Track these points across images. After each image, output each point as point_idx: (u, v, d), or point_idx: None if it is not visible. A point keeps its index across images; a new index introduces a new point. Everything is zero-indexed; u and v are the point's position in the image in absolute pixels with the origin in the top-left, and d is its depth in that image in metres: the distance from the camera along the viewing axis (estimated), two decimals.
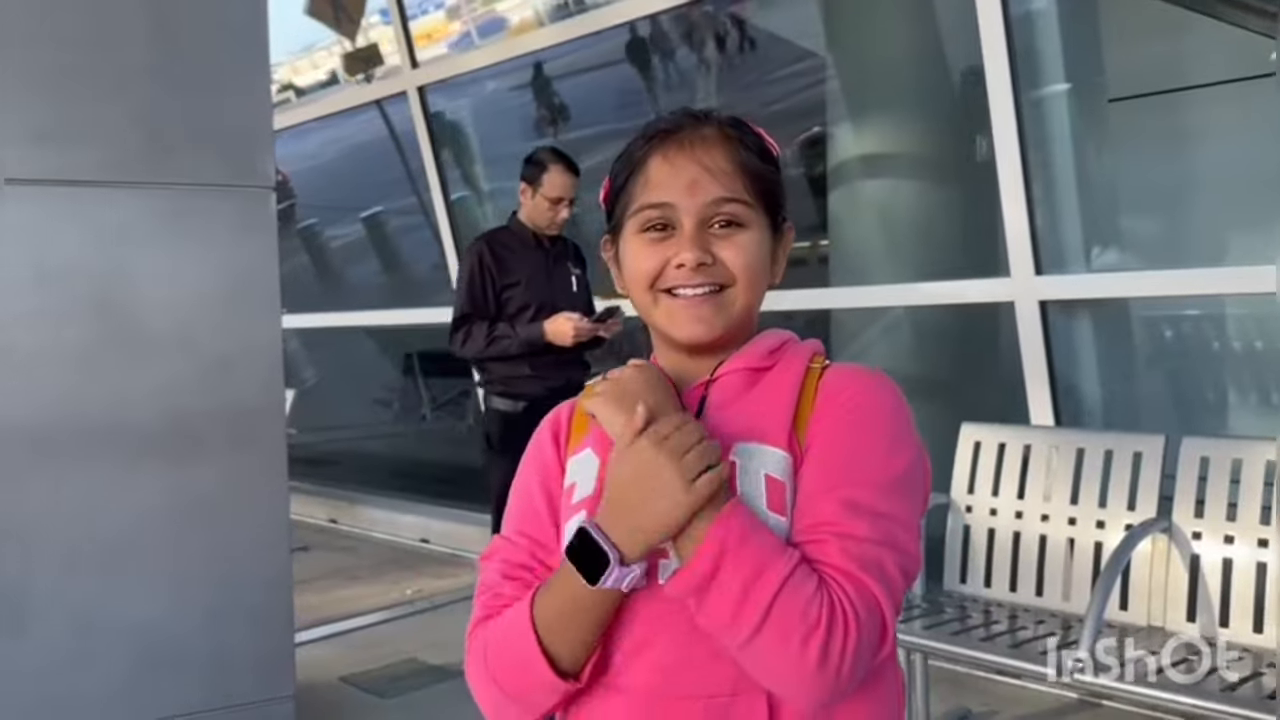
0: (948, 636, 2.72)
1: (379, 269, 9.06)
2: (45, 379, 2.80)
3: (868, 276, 4.97)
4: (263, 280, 3.07)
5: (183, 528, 2.96)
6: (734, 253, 1.00)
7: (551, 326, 3.28)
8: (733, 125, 1.04)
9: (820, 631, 0.87)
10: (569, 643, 0.95)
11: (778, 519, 0.94)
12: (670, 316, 1.02)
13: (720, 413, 1.01)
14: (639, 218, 1.02)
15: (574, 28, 5.18)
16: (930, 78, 5.05)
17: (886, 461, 0.96)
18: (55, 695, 2.79)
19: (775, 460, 0.96)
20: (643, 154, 1.03)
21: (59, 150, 2.83)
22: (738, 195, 1.01)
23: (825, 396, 0.99)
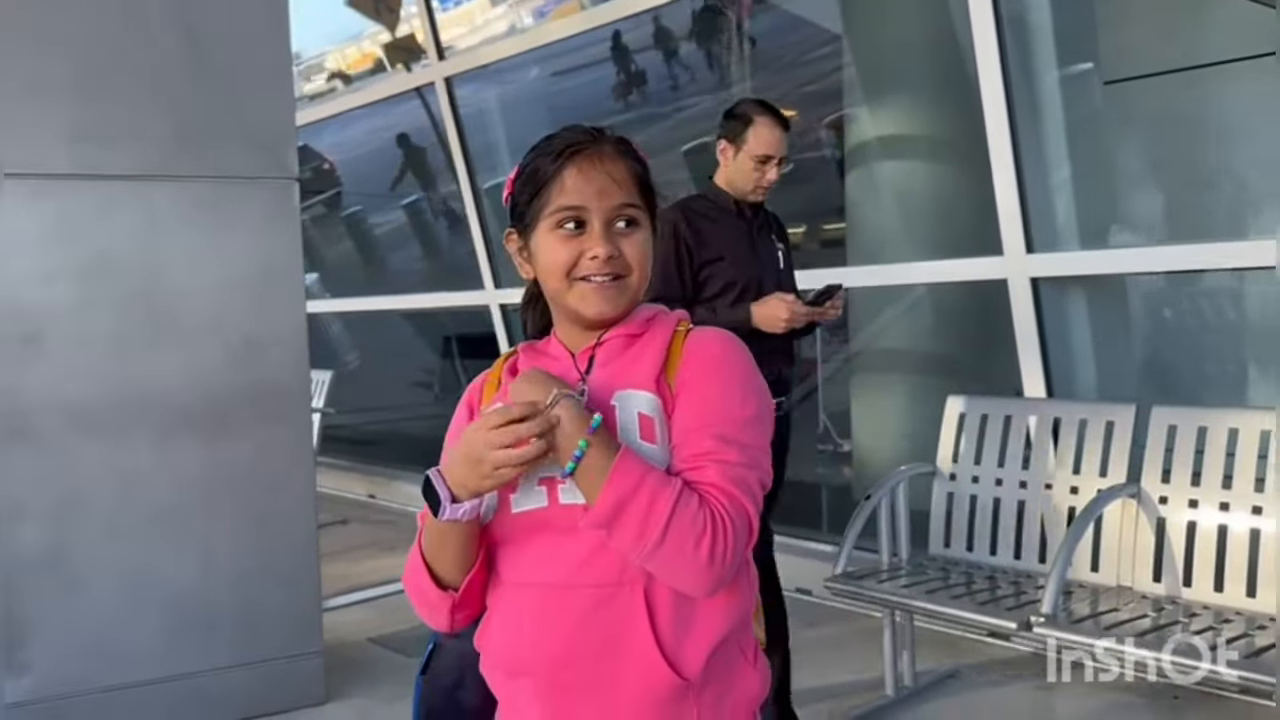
0: (926, 594, 2.88)
1: (420, 254, 9.30)
2: (89, 362, 3.06)
3: (884, 256, 5.09)
4: (288, 266, 3.30)
5: (217, 498, 3.20)
6: (632, 248, 1.24)
7: (762, 310, 2.74)
8: (622, 143, 1.27)
9: (707, 536, 1.10)
10: (441, 561, 1.21)
11: (649, 446, 1.17)
12: (583, 299, 1.23)
13: (604, 369, 1.25)
14: (555, 217, 1.23)
15: (605, 14, 5.33)
16: (944, 60, 5.13)
17: (743, 403, 1.21)
18: (105, 650, 3.06)
19: (645, 401, 1.20)
20: (556, 166, 1.24)
21: (97, 147, 3.07)
22: (634, 201, 1.24)
23: (689, 351, 1.24)
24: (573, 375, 1.26)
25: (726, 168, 2.89)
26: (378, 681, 3.56)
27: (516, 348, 1.34)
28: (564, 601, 1.16)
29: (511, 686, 1.21)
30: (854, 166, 5.59)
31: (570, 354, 1.28)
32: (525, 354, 1.32)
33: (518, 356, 1.33)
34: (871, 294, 5.23)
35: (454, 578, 1.22)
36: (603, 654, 1.15)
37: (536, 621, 1.17)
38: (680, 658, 1.14)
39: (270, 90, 3.30)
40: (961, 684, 3.30)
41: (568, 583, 1.16)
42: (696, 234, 2.79)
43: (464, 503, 1.15)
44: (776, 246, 2.98)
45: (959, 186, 5.05)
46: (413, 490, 5.58)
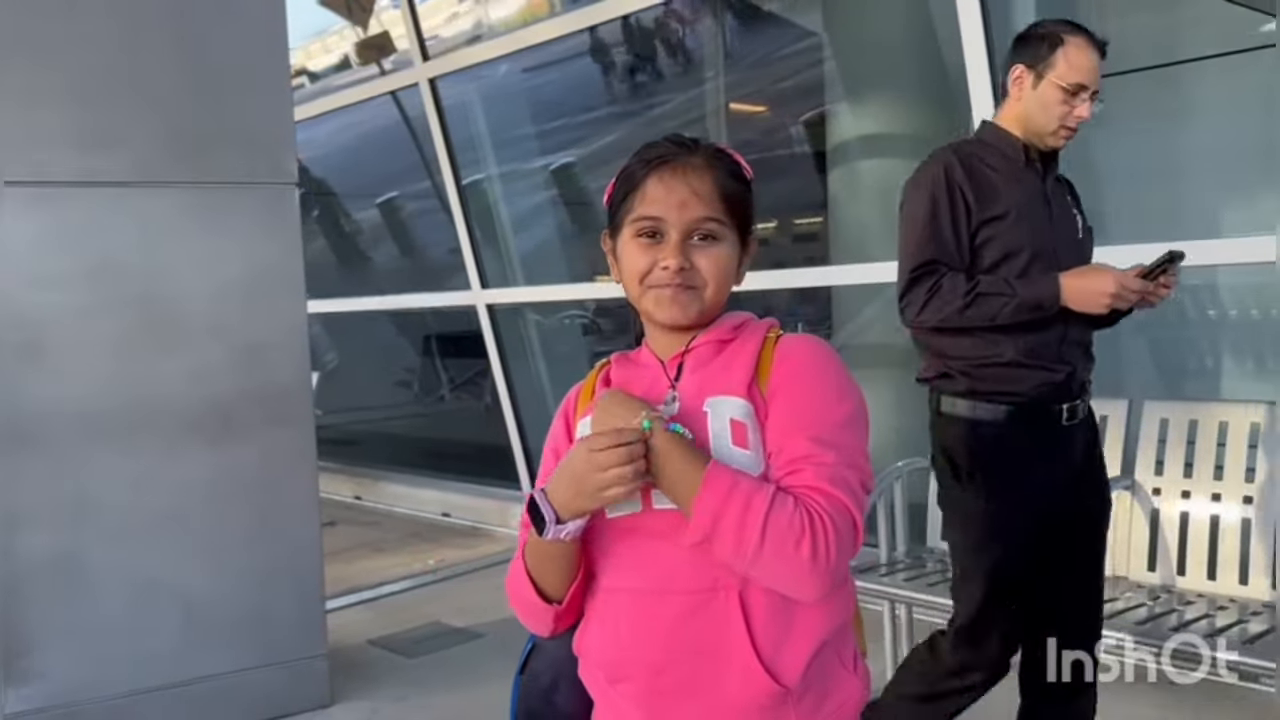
0: (925, 587, 2.94)
1: (396, 254, 9.27)
2: (94, 367, 3.06)
3: (866, 253, 5.16)
4: (288, 269, 3.31)
5: (222, 501, 3.21)
6: (708, 262, 1.26)
7: (1079, 282, 2.14)
8: (716, 154, 1.29)
9: (807, 537, 1.11)
10: (545, 576, 1.25)
11: (742, 452, 1.19)
12: (656, 304, 1.26)
13: (694, 375, 1.28)
14: (636, 225, 1.27)
15: (585, 18, 5.36)
16: (925, 57, 5.20)
17: (838, 405, 1.22)
18: (114, 656, 3.06)
19: (737, 406, 1.21)
20: (643, 174, 1.27)
21: (96, 154, 3.07)
22: (716, 215, 1.26)
23: (781, 356, 1.25)
24: (663, 383, 1.28)
25: (1020, 101, 2.24)
26: (380, 683, 3.59)
27: (610, 358, 1.37)
28: (660, 607, 1.18)
29: (612, 692, 1.24)
30: (836, 164, 5.66)
31: (660, 362, 1.30)
32: (618, 364, 1.35)
33: (610, 367, 1.36)
34: (853, 290, 5.31)
35: (558, 590, 1.25)
36: (700, 660, 1.17)
37: (634, 627, 1.20)
38: (778, 664, 1.16)
39: (268, 95, 3.31)
40: None
41: (663, 588, 1.18)
42: (975, 183, 2.18)
43: (568, 523, 1.18)
44: (1072, 209, 2.35)
45: None
46: (399, 490, 5.64)
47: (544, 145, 7.00)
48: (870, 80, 5.43)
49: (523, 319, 6.47)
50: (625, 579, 1.22)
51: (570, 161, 6.96)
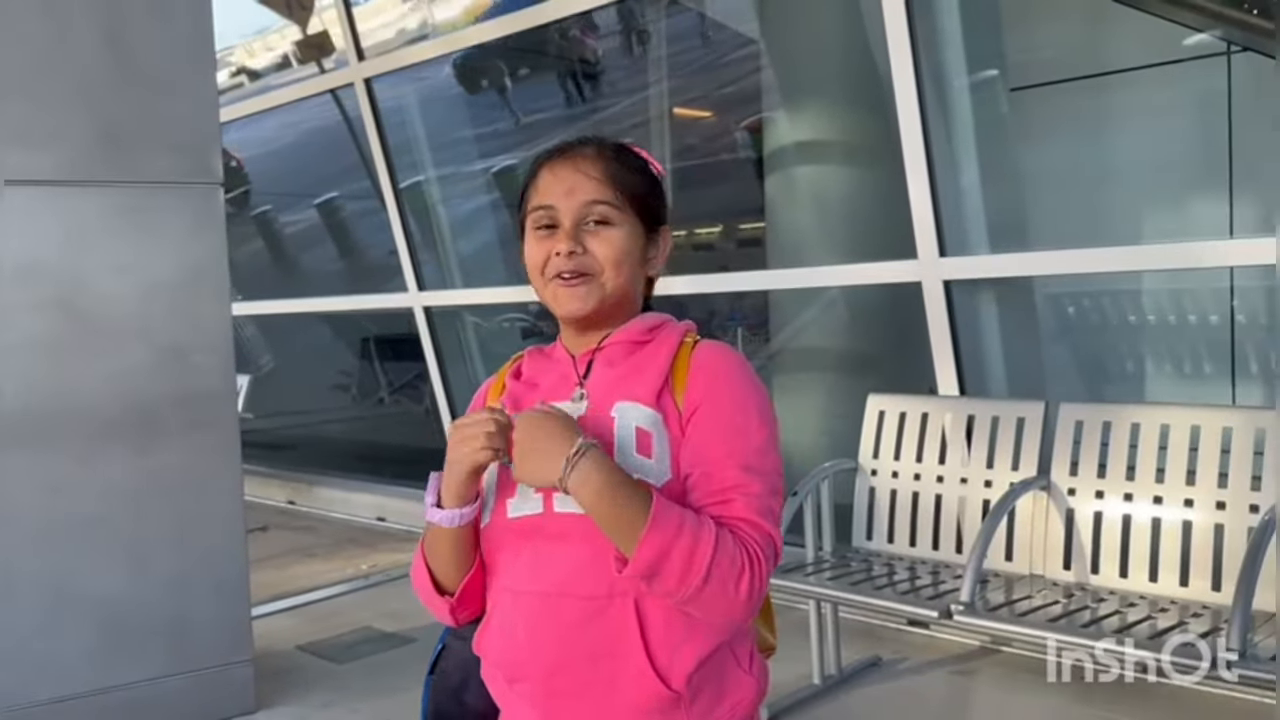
0: (849, 586, 3.00)
1: (334, 255, 9.17)
2: (11, 370, 2.98)
3: (802, 259, 5.23)
4: (214, 271, 3.26)
5: (144, 505, 3.15)
6: (601, 245, 1.23)
7: None
8: (613, 147, 1.28)
9: (745, 575, 1.12)
10: (438, 564, 1.26)
11: (644, 460, 1.18)
12: (555, 296, 1.25)
13: (604, 374, 1.27)
14: (531, 218, 1.26)
15: (523, 20, 5.36)
16: (857, 66, 5.28)
17: (761, 428, 1.21)
18: (34, 659, 2.99)
19: (644, 415, 1.20)
20: (535, 169, 1.28)
21: (19, 152, 2.99)
22: (606, 199, 1.24)
23: (697, 367, 1.23)
24: (571, 379, 1.27)
25: None
26: (308, 689, 3.55)
27: (524, 351, 1.36)
28: (557, 610, 1.18)
29: (510, 692, 1.24)
30: (773, 170, 5.73)
31: (571, 357, 1.29)
32: (531, 357, 1.35)
33: (523, 360, 1.35)
34: (789, 295, 5.37)
35: (451, 581, 1.26)
36: (595, 663, 1.17)
37: (531, 629, 1.19)
38: (671, 670, 1.16)
39: (194, 95, 3.26)
40: (883, 672, 3.43)
41: (561, 592, 1.18)
42: None
43: (446, 509, 1.20)
44: None
45: (874, 190, 5.22)
46: (333, 495, 5.55)
47: (484, 148, 6.98)
48: (806, 87, 5.50)
49: (461, 321, 6.44)
50: (524, 581, 1.21)
51: (512, 164, 6.95)
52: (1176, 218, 4.61)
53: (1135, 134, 4.69)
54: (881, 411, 3.39)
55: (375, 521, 6.10)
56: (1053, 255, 3.76)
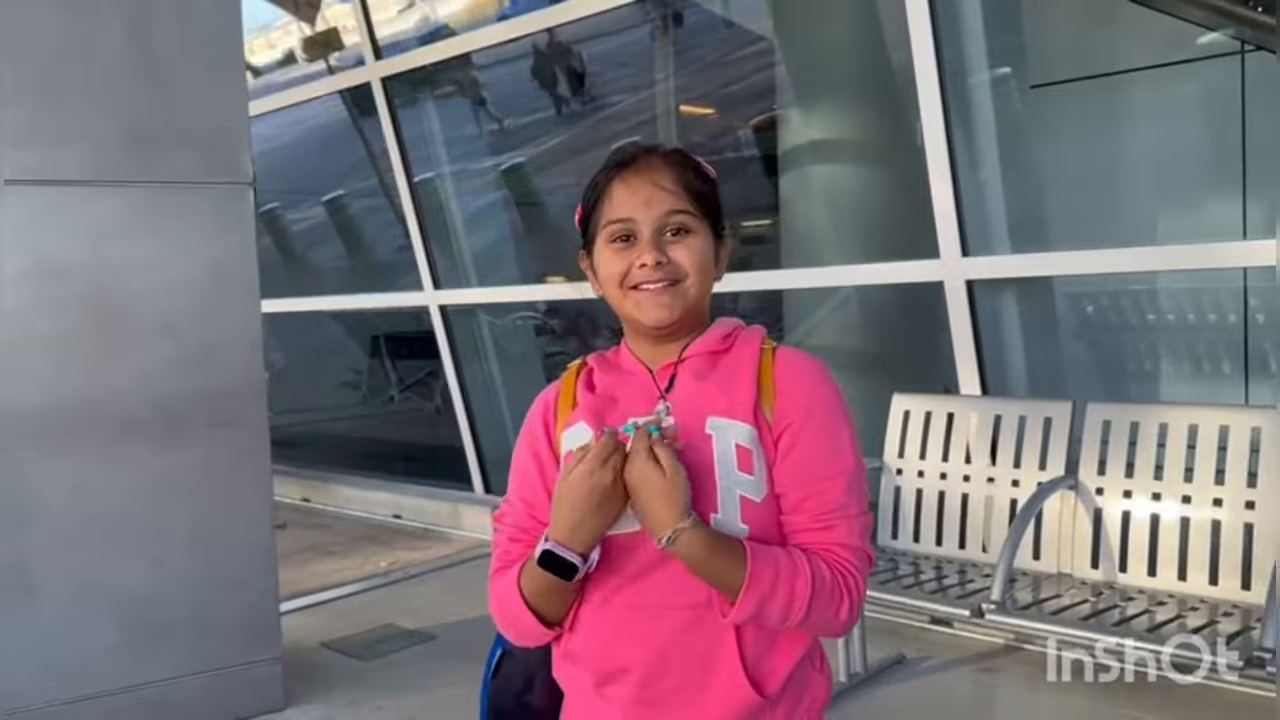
0: (877, 585, 3.00)
1: (342, 252, 9.18)
2: (39, 369, 2.99)
3: (817, 258, 5.23)
4: (242, 270, 3.27)
5: (171, 504, 3.16)
6: (684, 253, 1.25)
7: None
8: (676, 154, 1.29)
9: (845, 600, 1.19)
10: (552, 607, 1.25)
11: (747, 477, 1.20)
12: (638, 306, 1.25)
13: (688, 388, 1.27)
14: (607, 231, 1.26)
15: (536, 21, 5.37)
16: (873, 63, 5.29)
17: (853, 443, 1.25)
18: (58, 658, 3.00)
19: (742, 432, 1.21)
20: (605, 181, 1.28)
21: (46, 152, 3.00)
22: (684, 208, 1.26)
23: (787, 379, 1.25)
24: (651, 393, 1.27)
25: None
26: (333, 686, 3.56)
27: (586, 359, 1.35)
28: (656, 620, 1.21)
29: (596, 696, 1.26)
30: (787, 168, 5.73)
31: (648, 370, 1.30)
32: (599, 367, 1.33)
33: (590, 369, 1.34)
34: (803, 293, 5.38)
35: (562, 615, 1.26)
36: (690, 672, 1.20)
37: (630, 638, 1.22)
38: (762, 676, 1.21)
39: (222, 93, 3.27)
40: (908, 670, 3.44)
41: (660, 604, 1.21)
42: None
43: (592, 555, 1.20)
44: None
45: (889, 188, 5.22)
46: (348, 492, 5.54)
47: (494, 145, 6.98)
48: (821, 84, 5.50)
49: (476, 320, 6.45)
50: (623, 593, 1.23)
51: (521, 162, 6.95)
52: (1191, 217, 4.61)
53: (1150, 133, 4.70)
54: (907, 411, 3.39)
55: (391, 519, 6.11)
56: (1075, 255, 3.76)
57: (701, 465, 1.19)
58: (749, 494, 1.19)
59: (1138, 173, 4.75)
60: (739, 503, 1.20)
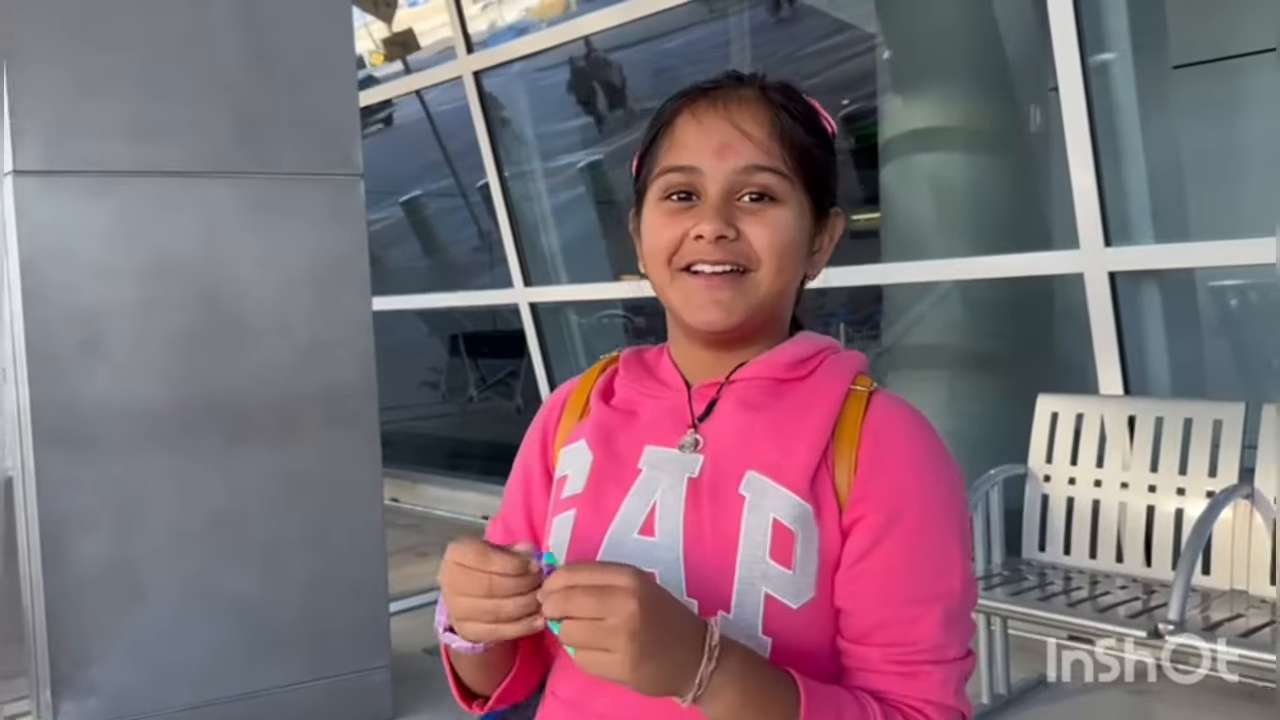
0: (1035, 602, 2.79)
1: (419, 252, 9.18)
2: (151, 365, 2.91)
3: (922, 251, 5.00)
4: (354, 264, 3.16)
5: (283, 505, 3.06)
6: (762, 230, 0.88)
7: None
8: (780, 90, 0.92)
9: None
10: (468, 674, 0.99)
11: (781, 571, 0.84)
12: (686, 297, 0.89)
13: (734, 421, 0.91)
14: (661, 182, 0.90)
15: (629, 10, 5.22)
16: (982, 48, 5.07)
17: (962, 555, 0.88)
18: (167, 663, 2.91)
19: (790, 506, 0.85)
20: (672, 112, 0.91)
21: (158, 143, 2.91)
22: (773, 165, 0.88)
23: (877, 443, 0.87)
24: (682, 416, 0.93)
25: None
26: (441, 694, 3.40)
27: (617, 353, 1.01)
28: None
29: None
30: (889, 159, 5.51)
31: (686, 384, 0.94)
32: (628, 367, 0.99)
33: (617, 368, 1.00)
34: (905, 289, 5.16)
35: (482, 688, 0.99)
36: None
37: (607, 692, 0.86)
38: None
39: (333, 83, 3.16)
40: (1052, 692, 3.21)
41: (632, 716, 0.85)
42: None
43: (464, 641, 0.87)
44: None
45: (1001, 178, 4.99)
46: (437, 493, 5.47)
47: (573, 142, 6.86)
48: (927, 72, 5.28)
49: (564, 318, 6.33)
50: (588, 699, 0.90)
51: (599, 159, 6.83)
52: None
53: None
54: (1054, 413, 3.16)
55: (481, 520, 6.01)
56: (1231, 246, 3.49)
57: (722, 539, 0.86)
58: (781, 595, 0.84)
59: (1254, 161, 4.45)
60: (763, 603, 0.84)
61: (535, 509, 1.00)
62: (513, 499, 1.02)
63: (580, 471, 0.94)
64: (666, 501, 0.89)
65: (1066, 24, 3.48)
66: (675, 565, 0.86)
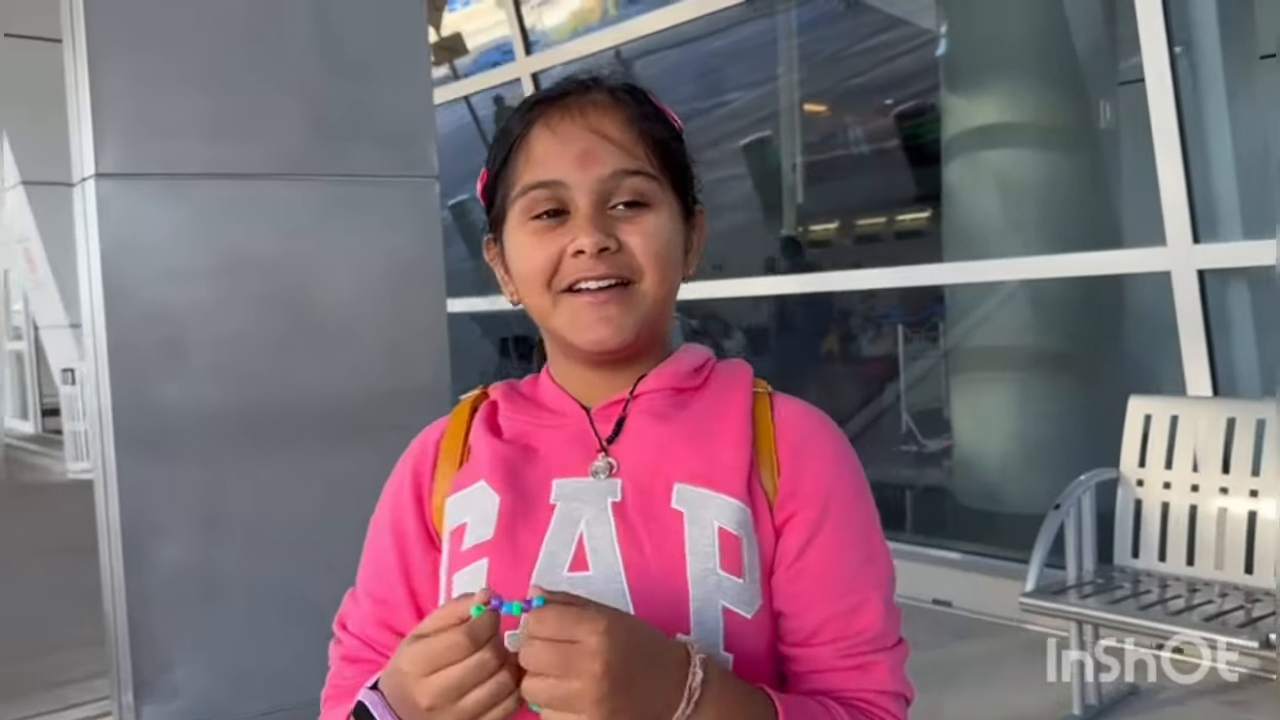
0: (1135, 610, 2.70)
1: (464, 254, 9.22)
2: (228, 367, 2.91)
3: (986, 249, 4.91)
4: (429, 266, 3.15)
5: (356, 508, 3.01)
6: (641, 238, 0.83)
7: None
8: (628, 91, 0.88)
9: None
10: None
11: (734, 581, 0.80)
12: (572, 318, 0.84)
13: (643, 440, 0.86)
14: (523, 202, 0.84)
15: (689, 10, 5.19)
16: (1050, 43, 4.97)
17: (883, 541, 0.87)
18: (247, 667, 2.91)
19: (730, 511, 0.82)
20: (522, 127, 0.86)
21: (233, 145, 2.92)
22: (640, 167, 0.84)
23: (793, 443, 0.86)
24: (588, 442, 0.87)
25: None
26: None
27: (480, 390, 0.94)
28: None
29: None
30: (953, 156, 5.42)
31: (582, 409, 0.88)
32: (509, 399, 0.91)
33: (491, 403, 0.92)
34: (964, 289, 5.07)
35: None
36: None
37: None
38: None
39: (408, 84, 3.15)
40: (1145, 701, 3.11)
41: None
42: None
43: None
44: None
45: (1069, 175, 4.89)
46: None
47: None
48: (992, 68, 5.18)
49: None
50: None
51: None
52: None
53: None
54: (1148, 415, 3.06)
55: None
56: None
57: (667, 558, 0.81)
58: (736, 606, 0.80)
59: None
60: (722, 620, 0.80)
61: (416, 573, 0.91)
62: (381, 573, 0.92)
63: (484, 516, 0.85)
64: (594, 532, 0.83)
65: (1154, 14, 3.38)
66: (619, 596, 0.80)
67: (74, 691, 3.51)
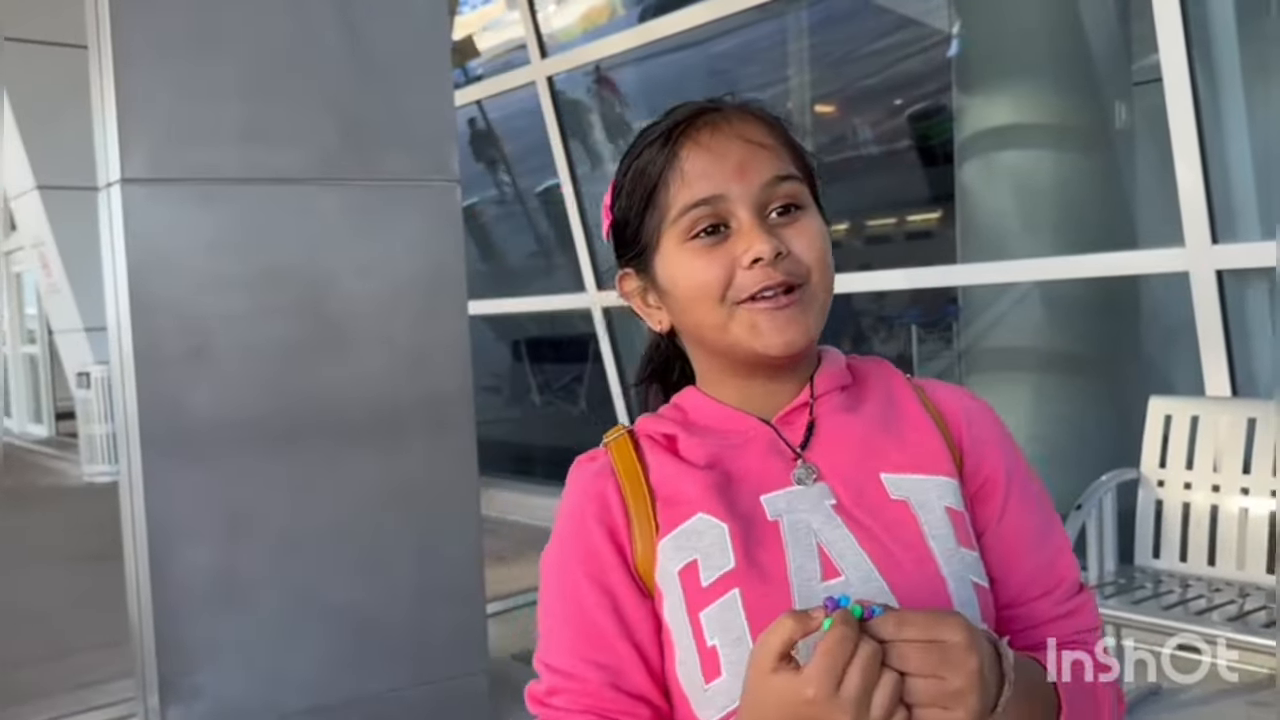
0: (1159, 611, 2.71)
1: (476, 257, 9.23)
2: (258, 373, 2.93)
3: (1001, 250, 4.91)
4: (452, 271, 3.17)
5: (386, 512, 3.07)
6: (804, 240, 0.85)
7: None
8: (753, 105, 0.90)
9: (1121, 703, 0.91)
10: None
11: (971, 554, 0.85)
12: (753, 327, 0.84)
13: (837, 440, 0.88)
14: (684, 222, 0.85)
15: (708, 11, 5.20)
16: (1064, 43, 4.97)
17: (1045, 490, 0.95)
18: (273, 669, 2.94)
19: (948, 490, 0.86)
20: (668, 153, 0.86)
21: (262, 150, 2.94)
22: (791, 172, 0.86)
23: (959, 419, 0.90)
24: (780, 453, 0.87)
25: None
26: None
27: (621, 431, 0.91)
28: None
29: None
30: (967, 156, 5.42)
31: (764, 422, 0.88)
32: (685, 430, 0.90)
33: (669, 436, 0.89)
34: (979, 289, 5.07)
35: None
36: None
37: None
38: None
39: (431, 89, 3.17)
40: (1166, 702, 3.11)
41: None
42: None
43: None
44: None
45: (1084, 175, 4.88)
46: (510, 498, 5.46)
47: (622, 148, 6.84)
48: (1006, 68, 5.19)
49: (635, 323, 6.31)
50: None
51: None
52: None
53: None
54: (1168, 416, 3.07)
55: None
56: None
57: (912, 548, 0.83)
58: (980, 579, 0.84)
59: None
60: (974, 595, 0.83)
61: (636, 629, 0.84)
62: (598, 636, 0.84)
63: (717, 548, 0.83)
64: (830, 538, 0.83)
65: (1172, 13, 3.38)
66: (880, 594, 0.81)
67: (98, 694, 3.54)
